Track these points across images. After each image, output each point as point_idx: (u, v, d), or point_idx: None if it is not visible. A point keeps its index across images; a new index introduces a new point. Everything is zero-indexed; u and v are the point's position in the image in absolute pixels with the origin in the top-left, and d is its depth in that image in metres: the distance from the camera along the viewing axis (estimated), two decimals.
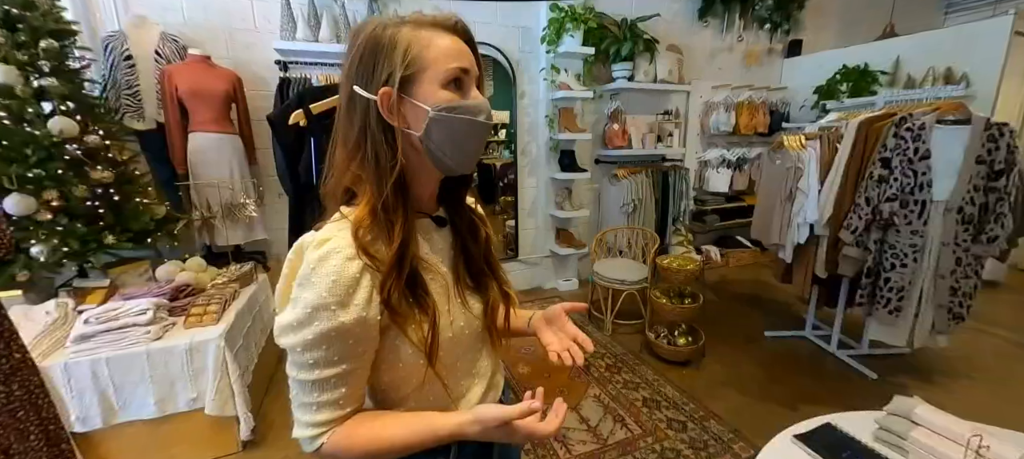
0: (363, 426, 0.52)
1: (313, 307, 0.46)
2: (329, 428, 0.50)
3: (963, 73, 3.16)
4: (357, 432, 0.51)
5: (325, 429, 0.50)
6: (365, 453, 0.51)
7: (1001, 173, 1.80)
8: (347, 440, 0.50)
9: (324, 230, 0.51)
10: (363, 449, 0.51)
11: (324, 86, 1.98)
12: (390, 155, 0.50)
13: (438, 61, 0.50)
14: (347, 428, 0.51)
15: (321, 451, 0.50)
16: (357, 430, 0.51)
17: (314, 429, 0.50)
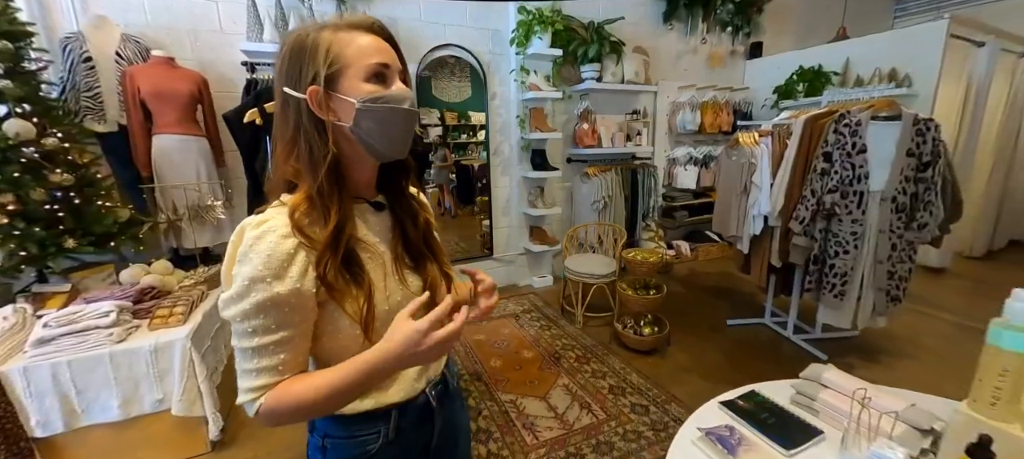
0: (296, 382, 0.55)
1: (250, 279, 0.51)
2: (265, 391, 0.54)
3: (906, 74, 3.38)
4: (291, 386, 0.55)
5: (261, 393, 0.54)
6: (300, 401, 0.54)
7: (928, 165, 1.95)
8: (278, 395, 0.54)
9: (264, 213, 0.56)
10: (297, 397, 0.54)
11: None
12: (322, 147, 0.55)
13: (359, 58, 0.56)
14: (279, 388, 0.54)
15: (262, 409, 0.54)
16: (291, 385, 0.55)
17: (253, 393, 0.54)
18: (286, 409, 0.54)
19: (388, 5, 2.93)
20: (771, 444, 0.82)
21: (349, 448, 0.63)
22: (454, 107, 3.48)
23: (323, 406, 0.56)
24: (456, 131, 3.61)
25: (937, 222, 2.15)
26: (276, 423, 0.56)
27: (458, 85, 3.38)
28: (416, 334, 0.53)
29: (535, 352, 2.56)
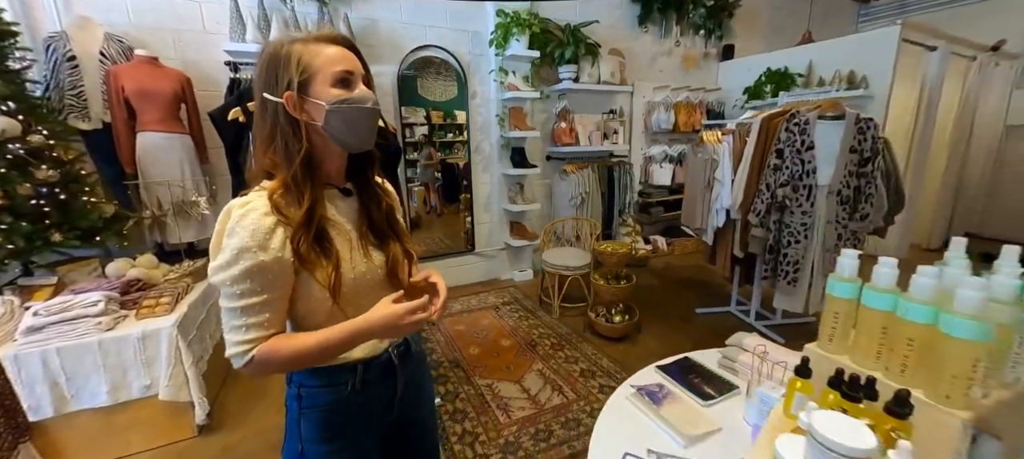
0: (284, 339, 0.66)
1: (238, 250, 0.62)
2: (256, 344, 0.65)
3: (862, 76, 3.58)
4: (280, 343, 0.66)
5: (252, 345, 0.65)
6: (288, 355, 0.66)
7: (868, 160, 2.12)
8: (272, 348, 0.65)
9: (247, 196, 0.67)
10: (287, 351, 0.66)
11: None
12: (296, 142, 0.66)
13: (327, 66, 0.66)
14: (271, 342, 0.66)
15: (252, 361, 0.65)
16: (280, 342, 0.66)
17: (244, 345, 0.64)
18: (280, 358, 0.65)
19: (369, 7, 3.01)
20: (692, 397, 0.96)
21: (320, 396, 0.74)
22: (440, 106, 3.57)
23: (313, 357, 0.67)
24: (442, 130, 3.69)
25: (880, 213, 2.34)
26: (267, 372, 0.67)
27: (444, 84, 3.47)
28: (395, 316, 0.68)
29: (512, 340, 2.68)
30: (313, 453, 0.74)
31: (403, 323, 0.68)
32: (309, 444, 0.74)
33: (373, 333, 0.69)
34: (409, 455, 0.92)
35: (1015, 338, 0.53)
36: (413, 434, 0.91)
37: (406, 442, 0.90)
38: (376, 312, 0.68)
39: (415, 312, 0.69)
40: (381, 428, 0.83)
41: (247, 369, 0.66)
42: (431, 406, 0.99)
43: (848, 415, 0.45)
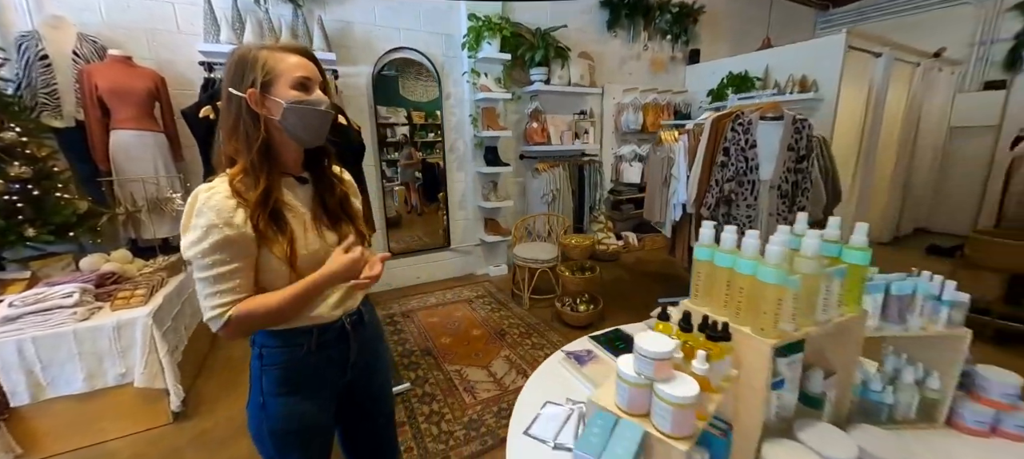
0: (255, 300, 0.77)
1: (207, 227, 0.73)
2: (230, 307, 0.75)
3: (813, 80, 3.83)
4: (251, 303, 0.77)
5: (227, 308, 0.75)
6: (261, 312, 0.77)
7: (804, 157, 2.33)
8: (245, 308, 0.76)
9: (212, 181, 0.78)
10: (260, 309, 0.77)
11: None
12: (255, 132, 0.78)
13: (288, 71, 0.78)
14: (244, 304, 0.76)
15: (229, 322, 0.75)
16: (251, 303, 0.77)
17: (219, 309, 0.75)
18: (254, 316, 0.76)
19: (343, 9, 3.10)
20: (613, 360, 1.10)
21: (279, 355, 0.85)
22: (421, 106, 3.66)
23: (283, 310, 0.78)
24: (423, 130, 3.78)
25: (819, 206, 2.55)
26: (243, 331, 0.78)
27: (425, 85, 3.56)
28: (347, 261, 0.82)
29: (483, 330, 2.80)
30: (273, 405, 0.85)
31: (353, 266, 0.82)
32: (269, 397, 0.85)
33: (331, 280, 0.82)
34: (363, 413, 1.03)
35: (821, 287, 0.68)
36: (367, 395, 1.03)
37: (360, 401, 1.01)
38: (330, 263, 0.82)
39: (360, 259, 0.83)
40: (336, 387, 0.94)
41: (225, 331, 0.76)
42: (386, 374, 1.11)
43: (702, 349, 0.60)
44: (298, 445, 0.87)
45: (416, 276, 3.77)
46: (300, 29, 2.88)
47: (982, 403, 0.81)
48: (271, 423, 0.85)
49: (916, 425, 0.84)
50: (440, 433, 1.84)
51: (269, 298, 0.78)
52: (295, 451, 0.88)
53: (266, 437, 0.86)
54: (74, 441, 1.78)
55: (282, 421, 0.85)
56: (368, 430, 1.07)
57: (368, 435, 1.08)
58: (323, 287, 0.82)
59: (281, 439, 0.86)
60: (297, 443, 0.87)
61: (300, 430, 0.87)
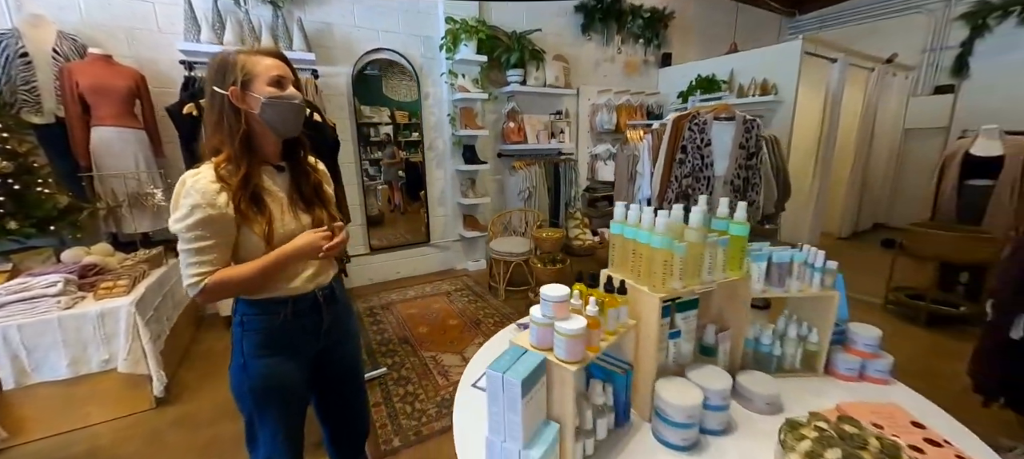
0: (229, 270, 0.89)
1: (192, 206, 0.84)
2: (206, 276, 0.87)
3: (773, 83, 4.06)
4: (225, 273, 0.88)
5: (203, 277, 0.87)
6: (234, 280, 0.89)
7: (753, 154, 2.52)
8: (219, 277, 0.87)
9: (198, 168, 0.89)
10: (233, 277, 0.88)
11: None
12: (237, 126, 0.89)
13: (264, 71, 0.90)
14: (218, 273, 0.88)
15: (204, 288, 0.87)
16: (225, 272, 0.88)
17: (196, 277, 0.86)
18: (227, 284, 0.88)
19: (322, 11, 3.19)
20: None
21: (258, 321, 0.97)
22: (405, 106, 3.75)
23: (254, 279, 0.90)
24: (407, 129, 3.87)
25: (771, 201, 2.75)
26: (218, 296, 0.90)
27: (408, 84, 3.66)
28: (312, 239, 0.95)
29: (459, 320, 2.93)
30: (253, 366, 0.97)
31: (318, 245, 0.95)
32: (249, 358, 0.97)
33: (297, 255, 0.94)
34: (335, 381, 1.16)
35: (706, 253, 0.83)
36: (339, 364, 1.15)
37: (333, 370, 1.14)
38: (298, 239, 0.95)
39: (324, 239, 0.96)
40: (310, 354, 1.06)
41: (201, 296, 0.88)
42: (357, 346, 1.23)
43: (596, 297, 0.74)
44: (275, 402, 1.00)
45: (396, 271, 3.88)
46: (280, 30, 2.96)
47: (852, 353, 0.98)
48: (251, 382, 0.96)
49: (800, 373, 1.01)
50: (413, 411, 1.96)
51: (242, 268, 0.90)
52: (273, 407, 1.00)
53: (246, 394, 0.97)
54: (59, 425, 1.85)
55: (261, 379, 0.97)
56: (340, 396, 1.20)
57: (340, 401, 1.21)
58: (289, 260, 0.94)
59: (260, 396, 0.98)
60: (274, 400, 0.99)
61: (277, 388, 0.99)
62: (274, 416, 1.00)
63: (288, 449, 1.03)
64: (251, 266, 0.90)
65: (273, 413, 1.00)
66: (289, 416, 1.04)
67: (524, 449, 0.61)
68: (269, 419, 1.00)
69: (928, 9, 5.28)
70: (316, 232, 0.97)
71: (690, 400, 0.75)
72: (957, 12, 5.03)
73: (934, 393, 0.95)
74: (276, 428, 1.01)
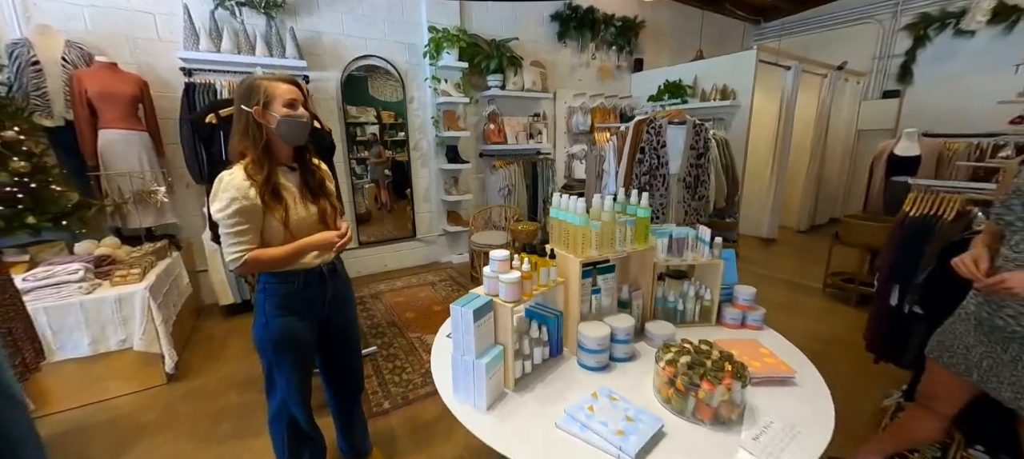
0: (264, 251, 1.14)
1: (231, 199, 1.10)
2: (244, 252, 1.12)
3: (732, 89, 4.43)
4: (261, 252, 1.14)
5: (243, 253, 1.12)
6: (266, 258, 1.14)
7: (702, 155, 2.85)
8: (255, 255, 1.13)
9: (231, 169, 1.15)
10: (265, 255, 1.14)
11: (228, 98, 2.48)
12: (260, 137, 1.15)
13: (281, 95, 1.16)
14: (256, 252, 1.13)
15: (244, 262, 1.12)
16: (261, 251, 1.14)
17: (237, 252, 1.11)
18: (261, 260, 1.14)
19: (313, 20, 3.42)
20: None
21: (278, 288, 1.22)
22: (391, 106, 3.96)
23: (280, 259, 1.16)
24: (392, 129, 4.09)
25: (722, 195, 3.09)
26: (252, 270, 1.15)
27: (394, 85, 3.88)
28: (328, 237, 1.21)
29: (443, 306, 3.20)
30: (272, 323, 1.23)
31: (331, 242, 1.22)
32: (270, 317, 1.23)
33: (315, 246, 1.21)
34: (336, 338, 1.42)
35: (617, 230, 1.13)
36: (340, 325, 1.41)
37: (334, 329, 1.40)
38: (318, 236, 1.21)
39: (337, 239, 1.23)
40: (317, 317, 1.33)
41: (240, 269, 1.14)
42: (354, 311, 1.50)
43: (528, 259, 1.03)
44: (290, 353, 1.26)
45: (384, 264, 4.12)
46: (273, 39, 3.18)
47: (735, 308, 1.29)
48: (271, 335, 1.23)
49: (697, 324, 1.31)
50: (401, 381, 2.23)
51: (273, 251, 1.16)
52: (288, 357, 1.26)
53: (267, 346, 1.24)
54: (80, 398, 2.06)
55: (279, 334, 1.23)
56: (340, 355, 1.47)
57: (340, 360, 1.47)
58: (309, 249, 1.21)
59: (278, 347, 1.24)
60: (289, 351, 1.26)
61: (291, 342, 1.25)
62: (289, 364, 1.27)
63: (299, 392, 1.30)
64: (281, 250, 1.16)
65: (288, 362, 1.27)
66: (300, 365, 1.30)
67: (477, 359, 0.90)
68: (285, 367, 1.26)
69: (877, 20, 5.72)
70: (332, 234, 1.24)
71: (601, 333, 1.04)
72: (903, 23, 5.48)
73: (846, 356, 1.26)
74: (290, 375, 1.27)
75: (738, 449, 0.80)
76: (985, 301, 1.11)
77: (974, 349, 1.13)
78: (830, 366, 2.39)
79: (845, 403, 1.80)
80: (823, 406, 0.93)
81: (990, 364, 1.09)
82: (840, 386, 1.04)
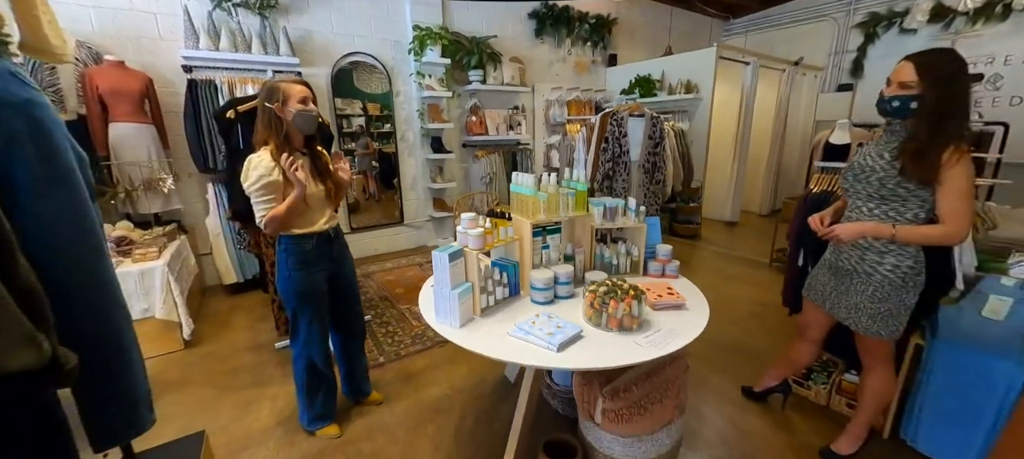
0: (274, 209, 1.46)
1: (259, 176, 1.41)
2: (268, 212, 1.43)
3: (695, 83, 4.81)
4: (273, 210, 1.45)
5: (266, 211, 1.43)
6: (280, 213, 1.43)
7: (658, 143, 3.22)
8: (273, 212, 1.43)
9: (258, 153, 1.46)
10: (279, 212, 1.43)
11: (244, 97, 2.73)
12: (280, 128, 1.46)
13: (296, 94, 1.47)
14: (272, 210, 1.44)
15: (269, 220, 1.43)
16: (273, 210, 1.45)
17: (263, 211, 1.43)
18: (278, 215, 1.44)
19: (304, 20, 3.66)
20: None
21: (296, 248, 1.53)
22: (376, 98, 4.20)
23: (286, 212, 1.46)
24: (379, 121, 4.33)
25: (678, 180, 3.47)
26: (274, 227, 1.46)
27: (379, 77, 4.14)
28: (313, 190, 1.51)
29: None
30: (294, 276, 1.54)
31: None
32: (292, 271, 1.54)
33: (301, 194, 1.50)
34: (342, 288, 1.74)
35: (560, 199, 1.47)
36: (344, 277, 1.74)
37: (341, 280, 1.72)
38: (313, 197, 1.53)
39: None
40: (327, 270, 1.64)
41: (267, 224, 1.45)
42: (353, 267, 1.82)
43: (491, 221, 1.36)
44: (310, 300, 1.58)
45: (374, 248, 4.42)
46: (268, 38, 3.42)
47: (657, 261, 1.65)
48: (294, 286, 1.55)
49: (628, 274, 1.67)
50: (393, 342, 2.57)
51: (280, 207, 1.47)
52: (309, 304, 1.58)
53: (292, 295, 1.56)
54: None
55: (300, 284, 1.55)
56: (346, 303, 1.78)
57: (346, 307, 1.79)
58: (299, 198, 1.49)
59: (300, 296, 1.56)
60: (309, 299, 1.58)
61: (310, 291, 1.57)
62: (310, 310, 1.59)
63: (318, 334, 1.63)
64: (284, 205, 1.46)
65: (309, 308, 1.59)
66: (318, 310, 1.63)
67: (451, 291, 1.24)
68: (306, 312, 1.59)
69: (833, 18, 6.16)
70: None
71: (547, 276, 1.39)
72: (855, 21, 5.92)
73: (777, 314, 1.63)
74: (311, 319, 1.60)
75: (632, 344, 1.16)
76: (834, 250, 1.50)
77: (826, 285, 1.52)
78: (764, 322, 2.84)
79: (773, 348, 2.28)
80: (700, 321, 1.29)
81: (834, 294, 1.48)
82: (770, 337, 1.40)
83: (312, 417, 1.75)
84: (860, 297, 1.38)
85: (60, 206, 0.88)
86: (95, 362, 0.93)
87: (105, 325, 0.98)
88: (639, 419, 1.26)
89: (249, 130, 2.05)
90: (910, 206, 1.28)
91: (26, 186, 0.82)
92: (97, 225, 0.98)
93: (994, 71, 4.77)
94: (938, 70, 1.19)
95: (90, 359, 0.86)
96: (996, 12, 4.75)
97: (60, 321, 0.73)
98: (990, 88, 4.87)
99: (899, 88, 1.25)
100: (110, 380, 0.99)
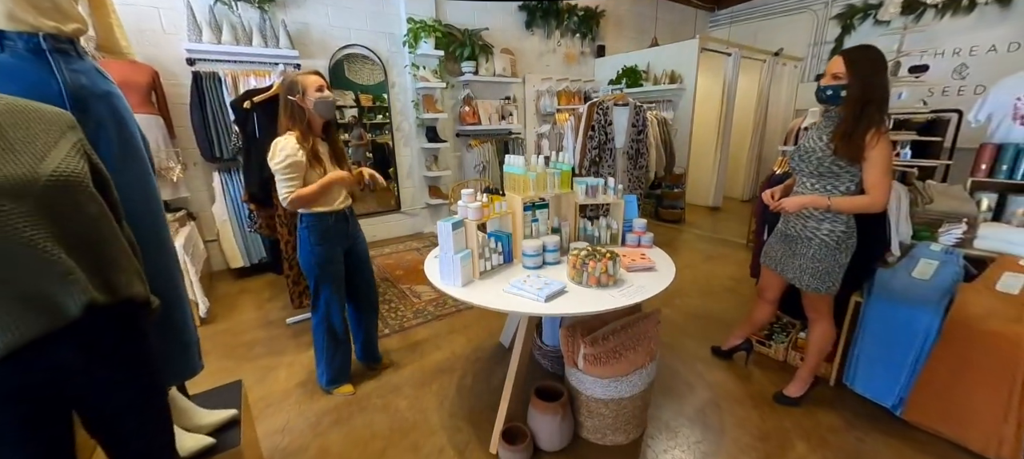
0: (302, 189, 1.64)
1: (286, 156, 1.59)
2: (292, 191, 1.61)
3: (679, 74, 5.03)
4: (300, 190, 1.63)
5: (292, 191, 1.61)
6: (305, 194, 1.62)
7: (641, 131, 3.44)
8: (297, 193, 1.61)
9: (284, 136, 1.64)
10: (304, 192, 1.62)
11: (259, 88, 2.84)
12: (302, 116, 1.64)
13: (313, 84, 1.65)
14: (297, 190, 1.63)
15: (292, 199, 1.62)
16: (300, 190, 1.63)
17: (287, 190, 1.61)
18: (302, 196, 1.62)
19: (302, 13, 3.79)
20: None
21: (316, 224, 1.72)
22: (369, 89, 4.33)
23: (315, 195, 1.64)
24: (372, 112, 4.46)
25: (661, 165, 3.69)
26: (298, 205, 1.64)
27: (372, 68, 4.27)
28: (348, 176, 1.71)
29: None
30: (315, 250, 1.73)
31: (349, 180, 1.73)
32: (313, 246, 1.73)
33: (339, 183, 1.70)
34: (356, 261, 1.93)
35: (548, 178, 1.67)
36: (358, 251, 1.93)
37: (356, 253, 1.91)
38: (339, 174, 1.71)
39: (354, 177, 1.75)
40: (343, 245, 1.84)
41: (290, 204, 1.63)
42: (365, 243, 2.01)
43: (486, 196, 1.56)
44: (329, 271, 1.78)
45: (373, 234, 4.60)
46: (268, 31, 3.55)
47: (634, 233, 1.88)
48: (316, 258, 1.74)
49: (609, 245, 1.90)
50: (396, 317, 2.78)
51: (308, 188, 1.66)
52: (328, 275, 1.78)
53: (314, 267, 1.75)
54: None
55: (321, 256, 1.75)
56: (360, 274, 1.98)
57: (360, 278, 1.98)
58: (333, 184, 1.69)
59: (321, 268, 1.76)
60: (329, 270, 1.77)
61: (329, 263, 1.77)
62: (329, 281, 1.79)
63: (337, 303, 1.83)
64: (311, 187, 1.65)
65: (329, 279, 1.79)
66: (336, 281, 1.82)
67: (454, 255, 1.44)
68: (327, 283, 1.78)
69: (813, 9, 6.39)
70: (344, 174, 1.73)
71: (536, 245, 1.61)
72: (833, 12, 6.17)
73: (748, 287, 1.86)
74: (330, 289, 1.80)
75: (608, 296, 1.39)
76: (784, 220, 1.73)
77: (778, 251, 1.75)
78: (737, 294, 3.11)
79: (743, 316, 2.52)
80: (666, 280, 1.52)
81: (784, 258, 1.71)
82: (743, 307, 1.61)
83: (330, 378, 1.96)
84: (803, 259, 1.62)
85: (135, 177, 1.07)
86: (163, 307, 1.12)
87: (167, 278, 1.17)
88: (615, 363, 1.49)
89: (264, 119, 2.23)
90: (843, 180, 1.51)
91: (110, 161, 1.00)
92: (158, 194, 1.17)
93: (960, 62, 5.06)
94: (863, 64, 1.41)
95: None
96: (963, 4, 5.03)
97: None
98: (956, 78, 5.16)
99: (832, 79, 1.48)
100: (172, 324, 1.19)
